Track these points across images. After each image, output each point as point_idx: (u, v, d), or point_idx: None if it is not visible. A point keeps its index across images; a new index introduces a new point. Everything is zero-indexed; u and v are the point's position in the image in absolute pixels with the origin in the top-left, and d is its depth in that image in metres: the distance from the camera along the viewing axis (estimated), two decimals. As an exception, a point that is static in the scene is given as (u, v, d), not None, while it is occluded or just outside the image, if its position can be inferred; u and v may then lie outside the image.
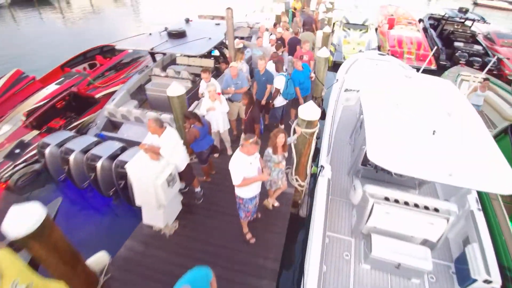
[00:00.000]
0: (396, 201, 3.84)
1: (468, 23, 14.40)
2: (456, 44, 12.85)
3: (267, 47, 7.77)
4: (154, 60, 8.56)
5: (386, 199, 3.86)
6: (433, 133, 3.97)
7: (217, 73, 8.81)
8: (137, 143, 4.72)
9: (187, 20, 9.17)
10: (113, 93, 7.77)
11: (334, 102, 6.89)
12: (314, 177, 5.54)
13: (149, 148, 3.85)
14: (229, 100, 5.68)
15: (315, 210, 4.24)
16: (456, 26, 14.41)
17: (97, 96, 8.09)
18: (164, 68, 8.19)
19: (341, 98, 7.28)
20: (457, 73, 9.34)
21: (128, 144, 5.75)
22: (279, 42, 7.86)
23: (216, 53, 8.68)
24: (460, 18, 13.80)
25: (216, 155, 5.75)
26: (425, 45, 12.89)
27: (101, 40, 11.91)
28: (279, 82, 5.43)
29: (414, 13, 18.53)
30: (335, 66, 11.25)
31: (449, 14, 14.13)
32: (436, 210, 3.73)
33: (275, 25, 9.50)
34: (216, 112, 5.13)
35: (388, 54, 9.44)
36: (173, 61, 9.14)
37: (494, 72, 11.79)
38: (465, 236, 4.16)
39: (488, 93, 7.21)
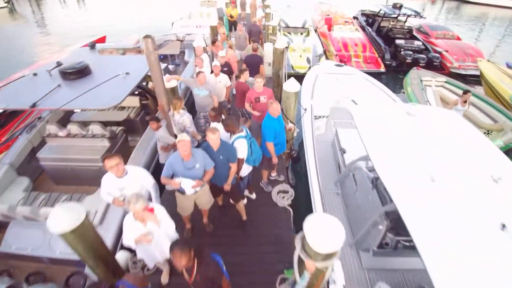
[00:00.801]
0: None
1: (402, 18, 14.17)
2: (398, 42, 12.37)
3: (212, 82, 5.58)
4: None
5: None
6: (502, 228, 2.52)
7: (144, 111, 6.51)
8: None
9: (92, 45, 6.60)
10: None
11: (311, 141, 5.26)
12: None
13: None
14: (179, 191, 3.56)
15: None
16: (392, 23, 14.07)
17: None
18: (63, 123, 5.62)
19: (314, 131, 5.70)
20: (418, 78, 8.50)
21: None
22: (226, 69, 5.89)
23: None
24: (399, 15, 13.40)
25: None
26: (370, 46, 12.13)
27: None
28: (241, 149, 3.50)
29: (345, 11, 18.12)
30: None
31: (384, 11, 13.67)
32: None
33: (214, 42, 7.45)
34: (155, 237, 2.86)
35: (345, 64, 8.19)
36: None
37: (436, 65, 11.53)
38: None
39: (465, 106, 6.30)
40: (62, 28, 19.49)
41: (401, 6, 13.71)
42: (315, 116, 6.19)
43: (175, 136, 4.98)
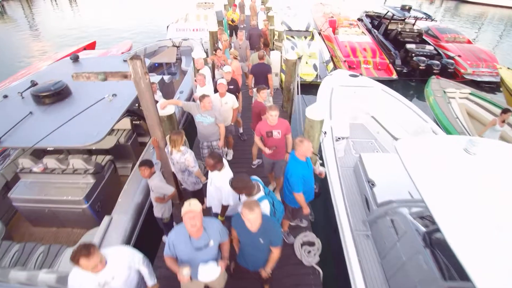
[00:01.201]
0: None
1: (410, 20, 13.35)
2: (409, 46, 11.53)
3: (217, 104, 4.51)
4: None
5: None
6: None
7: (136, 132, 5.61)
8: None
9: (76, 58, 5.66)
10: None
11: (336, 173, 4.41)
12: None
13: None
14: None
15: None
16: (400, 25, 13.23)
17: None
18: (39, 154, 4.69)
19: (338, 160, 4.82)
20: (440, 89, 7.67)
21: None
22: (232, 87, 4.97)
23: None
24: (409, 18, 12.56)
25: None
26: (380, 52, 11.29)
27: None
28: (265, 209, 2.60)
29: (349, 12, 17.26)
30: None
31: (392, 13, 12.81)
32: None
33: (216, 50, 6.52)
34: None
35: (360, 74, 7.32)
36: None
37: (450, 71, 10.74)
38: None
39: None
40: (54, 31, 18.37)
41: (410, 8, 12.88)
42: (336, 139, 5.33)
43: (175, 180, 4.07)
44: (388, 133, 6.23)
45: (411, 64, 10.88)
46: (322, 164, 4.56)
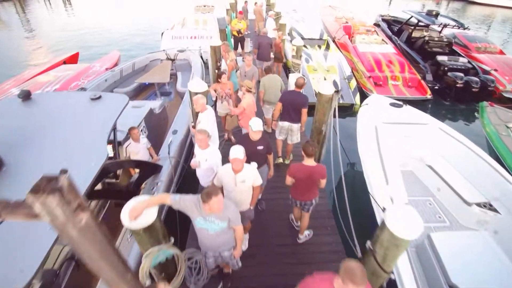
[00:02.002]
0: None
1: (435, 27, 11.61)
2: (440, 58, 9.82)
3: (232, 187, 2.84)
4: None
5: None
6: None
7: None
8: None
9: (26, 95, 3.86)
10: None
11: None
12: None
13: None
14: None
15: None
16: (426, 33, 11.50)
17: None
18: None
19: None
20: (502, 123, 5.97)
21: None
22: (261, 147, 3.24)
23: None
24: (440, 26, 10.82)
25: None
26: (408, 65, 9.56)
27: None
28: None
29: (362, 15, 15.49)
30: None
31: (418, 19, 11.06)
32: None
33: (220, 77, 4.74)
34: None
35: (404, 105, 5.61)
36: None
37: (491, 90, 9.06)
38: None
39: None
40: (46, 35, 16.42)
41: (437, 14, 11.13)
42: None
43: None
44: (455, 193, 4.53)
45: (445, 80, 9.17)
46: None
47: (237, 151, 2.70)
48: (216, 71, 7.08)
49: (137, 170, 4.05)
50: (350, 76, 8.91)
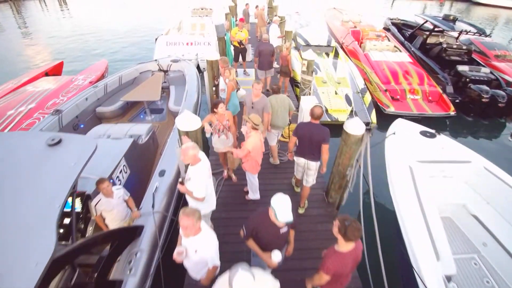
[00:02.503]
0: None
1: (452, 33, 10.61)
2: (461, 68, 8.84)
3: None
4: None
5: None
6: None
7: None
8: None
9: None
10: None
11: None
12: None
13: None
14: None
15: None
16: (441, 39, 10.52)
17: None
18: None
19: None
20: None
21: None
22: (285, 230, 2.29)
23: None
24: (461, 32, 9.82)
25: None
26: (427, 76, 8.58)
27: None
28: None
29: (369, 18, 14.50)
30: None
31: (434, 23, 10.06)
32: None
33: (215, 107, 3.75)
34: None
35: (437, 133, 4.64)
36: None
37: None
38: None
39: None
40: (42, 39, 15.33)
41: (455, 19, 10.14)
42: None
43: None
44: (504, 250, 3.60)
45: (468, 94, 8.19)
46: None
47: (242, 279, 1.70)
48: (214, 88, 6.11)
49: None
50: (364, 89, 7.93)
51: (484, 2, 31.48)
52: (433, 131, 4.77)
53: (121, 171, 4.00)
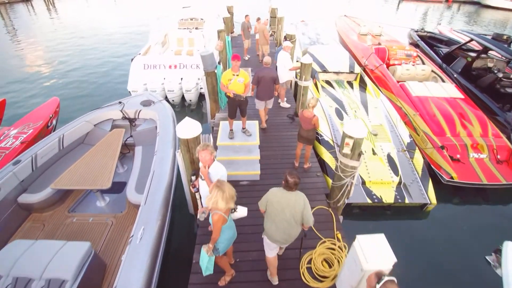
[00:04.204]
0: None
1: (492, 53, 8.23)
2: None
3: None
4: None
5: None
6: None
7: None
8: None
9: None
10: None
11: None
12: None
13: None
14: None
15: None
16: (489, 63, 8.15)
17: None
18: None
19: None
20: None
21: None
22: None
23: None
24: None
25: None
26: (490, 123, 6.20)
27: None
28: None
29: (390, 29, 12.04)
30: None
31: (484, 45, 7.66)
32: None
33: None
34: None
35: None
36: None
37: None
38: None
39: None
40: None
41: (509, 39, 7.76)
42: None
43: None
44: None
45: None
46: None
47: None
48: (191, 187, 3.58)
49: None
50: (410, 144, 5.56)
51: (494, 5, 29.16)
52: None
53: None
